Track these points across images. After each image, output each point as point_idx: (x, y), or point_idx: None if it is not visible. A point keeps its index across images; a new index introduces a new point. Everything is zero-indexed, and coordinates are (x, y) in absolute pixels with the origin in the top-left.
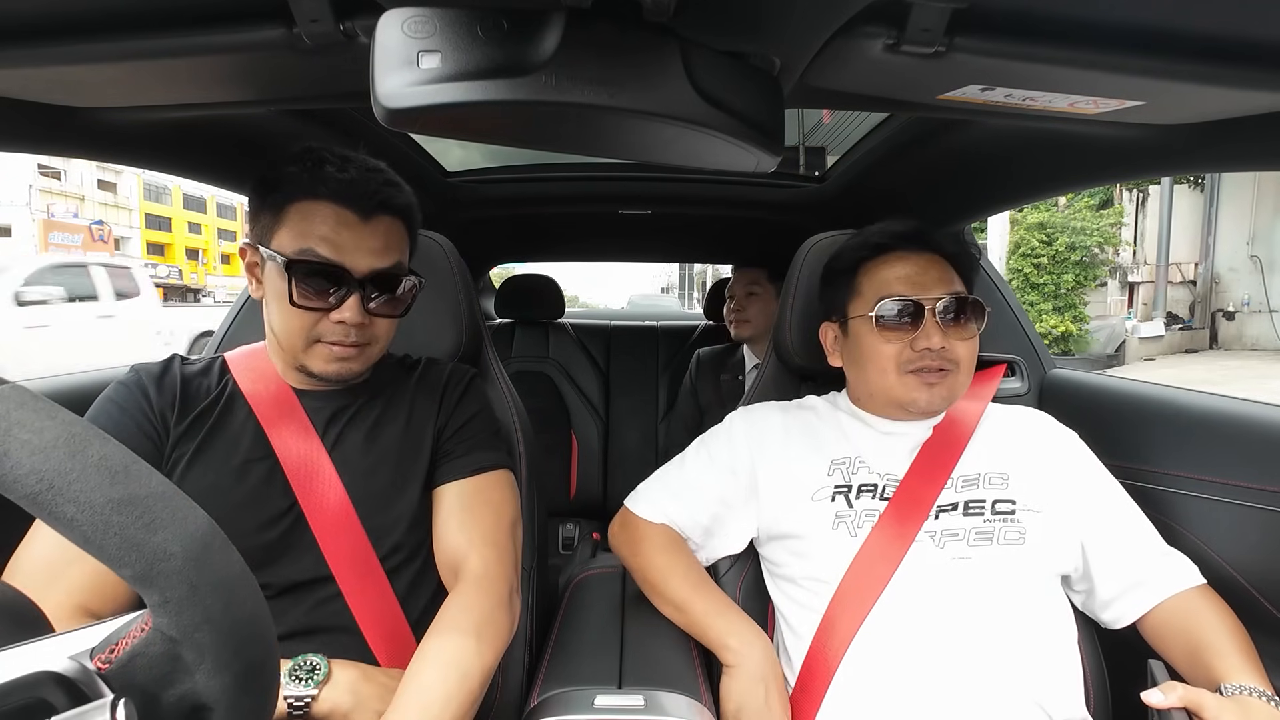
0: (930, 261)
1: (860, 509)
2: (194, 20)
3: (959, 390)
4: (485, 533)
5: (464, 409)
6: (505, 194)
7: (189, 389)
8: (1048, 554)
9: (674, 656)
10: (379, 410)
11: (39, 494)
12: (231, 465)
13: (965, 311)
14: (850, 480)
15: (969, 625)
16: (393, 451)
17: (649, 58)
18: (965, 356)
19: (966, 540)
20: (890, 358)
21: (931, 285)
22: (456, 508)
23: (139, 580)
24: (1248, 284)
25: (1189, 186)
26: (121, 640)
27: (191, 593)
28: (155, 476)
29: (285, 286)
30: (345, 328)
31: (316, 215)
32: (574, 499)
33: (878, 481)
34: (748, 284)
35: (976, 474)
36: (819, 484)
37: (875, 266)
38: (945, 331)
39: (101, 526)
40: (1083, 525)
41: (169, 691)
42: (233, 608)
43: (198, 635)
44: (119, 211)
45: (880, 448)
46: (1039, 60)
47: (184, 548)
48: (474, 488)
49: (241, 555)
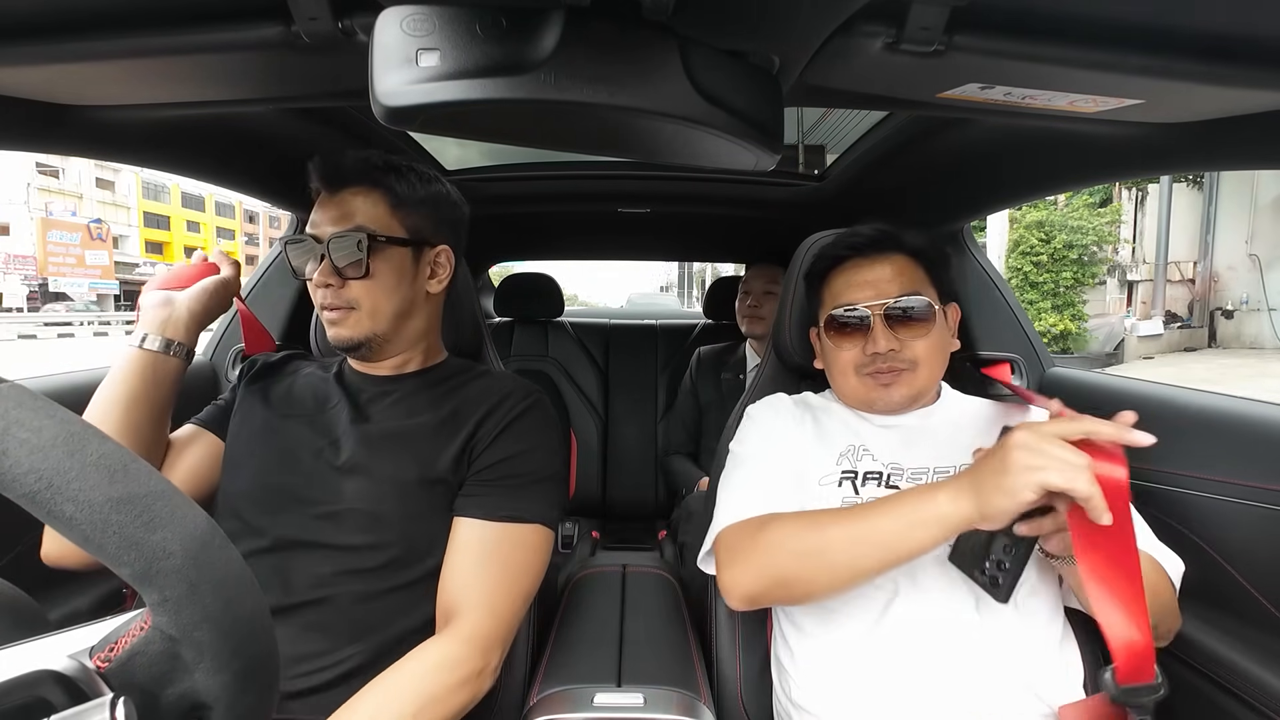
0: (887, 264)
1: (866, 495)
2: (193, 18)
3: (921, 386)
4: (488, 594)
5: (511, 439)
6: (504, 192)
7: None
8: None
9: (673, 654)
10: (421, 398)
11: (38, 492)
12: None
13: (913, 313)
14: (856, 467)
15: (963, 610)
16: (423, 433)
17: (648, 56)
18: (923, 354)
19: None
20: (848, 362)
21: (884, 289)
22: (468, 553)
23: (138, 579)
24: (1246, 282)
25: (1188, 185)
26: (121, 639)
27: (191, 591)
28: (154, 475)
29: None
30: (324, 291)
31: (319, 199)
32: (573, 497)
33: (882, 469)
34: (766, 282)
35: None
36: (826, 470)
37: (835, 275)
38: (896, 333)
39: (100, 525)
40: None
41: (168, 690)
42: (232, 606)
43: (197, 633)
44: (117, 209)
45: (882, 438)
46: (1038, 59)
47: (183, 546)
48: (496, 537)
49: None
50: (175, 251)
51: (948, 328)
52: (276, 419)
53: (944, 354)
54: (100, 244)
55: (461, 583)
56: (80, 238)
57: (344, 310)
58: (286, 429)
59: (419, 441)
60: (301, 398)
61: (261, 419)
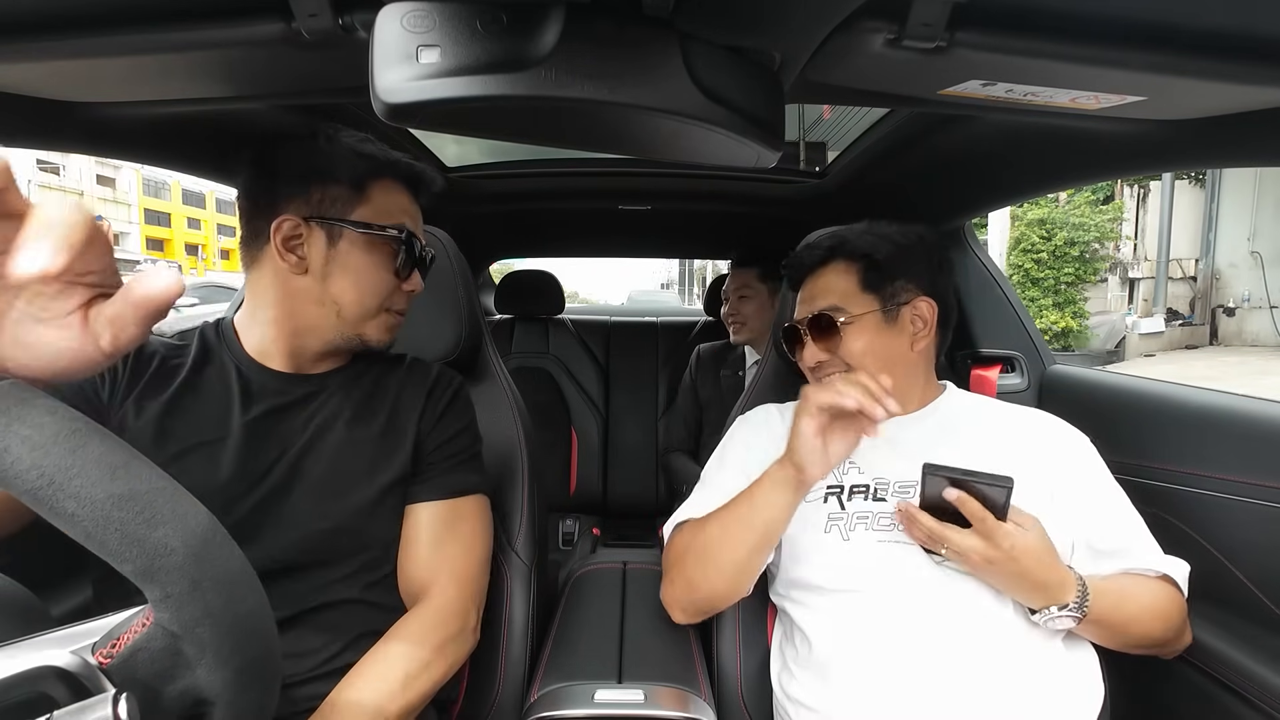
0: (823, 276)
1: (852, 511)
2: (193, 15)
3: None
4: (453, 567)
5: (450, 421)
6: (504, 189)
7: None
8: None
9: (673, 651)
10: (359, 397)
11: (40, 489)
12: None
13: (826, 324)
14: (842, 481)
15: (964, 630)
16: (370, 445)
17: (649, 52)
18: (857, 360)
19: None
20: (806, 369)
21: (813, 304)
22: (427, 534)
23: (140, 575)
24: (1248, 280)
25: (1190, 182)
26: (123, 635)
27: (193, 588)
28: (156, 472)
29: (376, 257)
30: (407, 297)
31: (399, 194)
32: (574, 494)
33: (869, 482)
34: (739, 286)
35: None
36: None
37: (800, 292)
38: (821, 345)
39: (102, 522)
40: (1078, 530)
41: (170, 686)
42: (234, 603)
43: (199, 630)
44: (118, 207)
45: (867, 449)
46: (1040, 55)
47: (185, 543)
48: (449, 513)
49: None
50: (176, 248)
51: (898, 326)
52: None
53: (889, 356)
54: None
55: (424, 562)
56: None
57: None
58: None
59: (365, 456)
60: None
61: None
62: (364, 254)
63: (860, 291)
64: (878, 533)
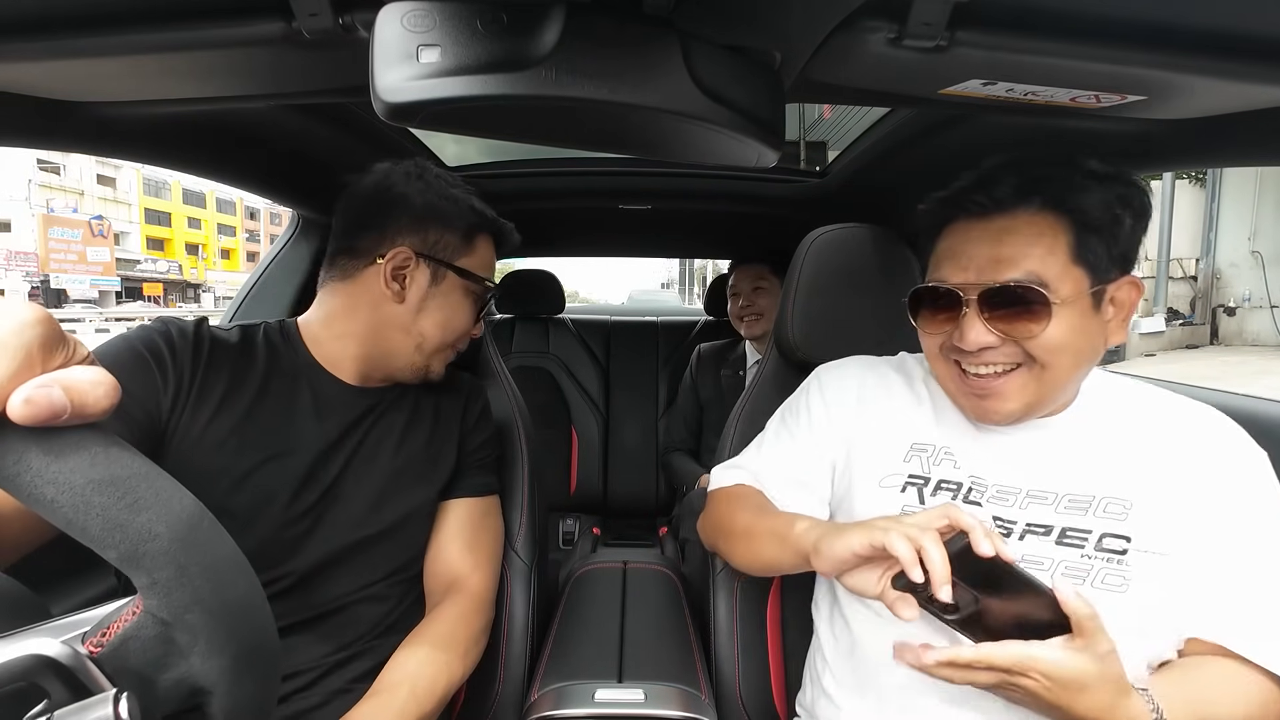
0: (1012, 229)
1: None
2: (193, 14)
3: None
4: (491, 555)
5: (482, 428)
6: (504, 189)
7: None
8: (1151, 610)
9: (673, 651)
10: (409, 410)
11: (17, 475)
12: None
13: (1023, 300)
14: (929, 472)
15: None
16: (419, 455)
17: (649, 52)
18: (1041, 352)
19: (1050, 575)
20: (933, 345)
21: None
22: (465, 525)
23: (125, 561)
24: (1249, 279)
25: (1190, 182)
26: (113, 624)
27: (179, 574)
28: (137, 458)
29: (467, 302)
30: (470, 339)
31: (491, 250)
32: (574, 494)
33: (963, 481)
34: (754, 280)
35: (1090, 496)
36: (891, 468)
37: (947, 232)
38: (996, 324)
39: (83, 508)
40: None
41: (165, 675)
42: (223, 589)
43: (189, 617)
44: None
45: (976, 443)
46: (1041, 54)
47: (169, 528)
48: (483, 509)
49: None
50: (176, 248)
51: (1099, 313)
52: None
53: (1082, 353)
54: (102, 241)
55: (457, 556)
56: (82, 234)
57: None
58: (279, 468)
59: (416, 464)
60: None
61: (235, 446)
62: (460, 297)
63: (1071, 262)
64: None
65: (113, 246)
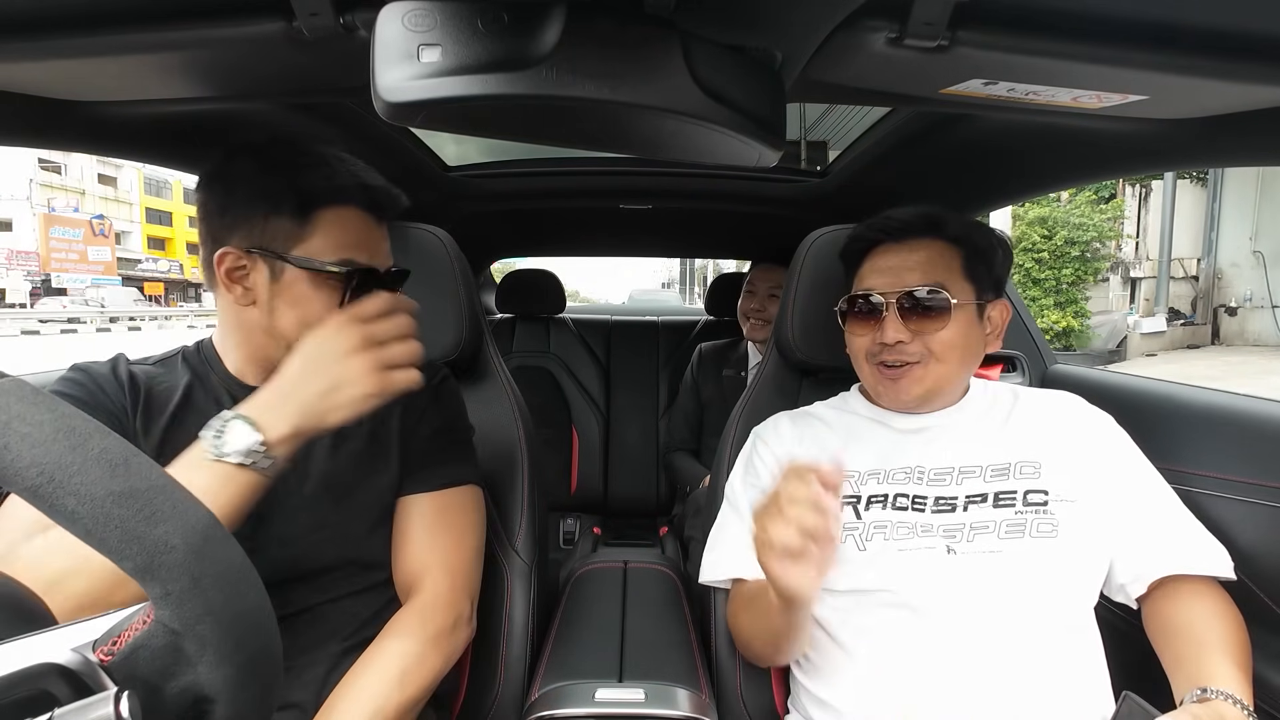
0: (916, 251)
1: (869, 520)
2: (194, 14)
3: (934, 383)
4: (444, 558)
5: (434, 413)
6: (505, 188)
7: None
8: (1082, 547)
9: (674, 650)
10: None
11: (40, 486)
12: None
13: (927, 303)
14: (859, 490)
15: (1000, 620)
16: (359, 454)
17: (650, 51)
18: (938, 349)
19: (997, 533)
20: (860, 348)
21: (903, 277)
22: (419, 525)
23: (140, 573)
24: (1250, 279)
25: (1192, 181)
26: (124, 632)
27: (193, 585)
28: (155, 469)
29: (323, 292)
30: None
31: (352, 223)
32: (575, 494)
33: (887, 491)
34: (772, 285)
35: (1007, 463)
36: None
37: (867, 259)
38: (908, 324)
39: (102, 519)
40: (1116, 512)
41: (171, 683)
42: (234, 600)
43: (199, 627)
44: (119, 206)
45: (896, 448)
46: (1042, 54)
47: (185, 540)
48: (440, 504)
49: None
50: (178, 247)
51: (981, 324)
52: None
53: (968, 352)
54: (103, 240)
55: (416, 555)
56: (83, 234)
57: None
58: None
59: (354, 465)
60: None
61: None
62: (307, 289)
63: (962, 278)
64: (896, 541)
65: (114, 246)
